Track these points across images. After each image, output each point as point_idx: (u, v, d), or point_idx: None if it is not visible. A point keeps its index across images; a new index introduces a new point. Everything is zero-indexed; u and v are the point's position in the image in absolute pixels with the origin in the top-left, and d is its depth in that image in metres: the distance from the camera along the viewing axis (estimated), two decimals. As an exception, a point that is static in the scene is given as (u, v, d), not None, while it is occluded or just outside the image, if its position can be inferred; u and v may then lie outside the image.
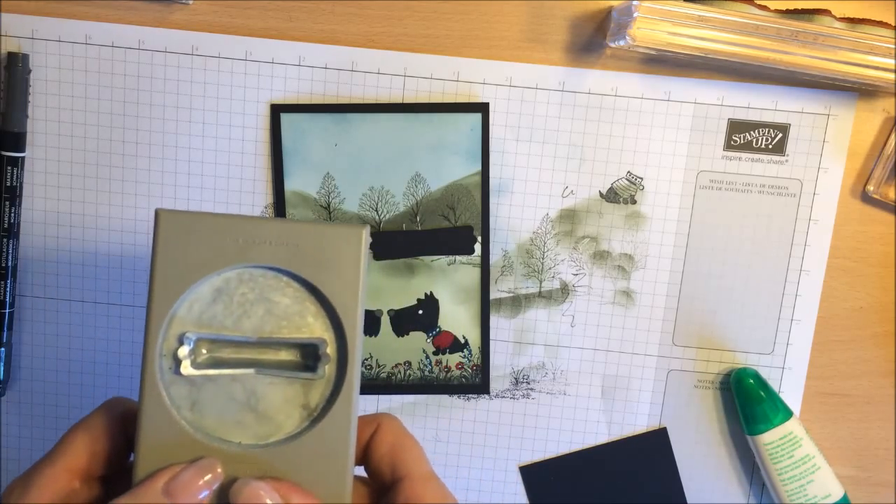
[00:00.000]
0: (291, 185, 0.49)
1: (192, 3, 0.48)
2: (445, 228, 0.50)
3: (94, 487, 0.32)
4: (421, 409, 0.52)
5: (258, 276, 0.32)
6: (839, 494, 0.50)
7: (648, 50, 0.45)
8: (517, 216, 0.50)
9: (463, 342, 0.51)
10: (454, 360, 0.51)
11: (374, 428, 0.34)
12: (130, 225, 0.50)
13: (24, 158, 0.49)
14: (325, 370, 0.32)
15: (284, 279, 0.32)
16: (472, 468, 0.53)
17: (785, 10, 0.46)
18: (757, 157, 0.49)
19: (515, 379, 0.52)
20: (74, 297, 0.51)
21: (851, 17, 0.46)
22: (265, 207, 0.50)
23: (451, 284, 0.50)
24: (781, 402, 0.50)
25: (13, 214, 0.49)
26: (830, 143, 0.49)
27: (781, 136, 0.49)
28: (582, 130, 0.49)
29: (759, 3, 0.46)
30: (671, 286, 0.51)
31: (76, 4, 0.48)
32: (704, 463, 0.53)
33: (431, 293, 0.51)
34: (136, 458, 0.31)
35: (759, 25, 0.43)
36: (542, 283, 0.51)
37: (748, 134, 0.49)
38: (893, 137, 0.49)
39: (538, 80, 0.48)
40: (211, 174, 0.49)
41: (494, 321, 0.51)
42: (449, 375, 0.51)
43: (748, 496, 0.53)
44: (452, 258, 0.50)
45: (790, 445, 0.49)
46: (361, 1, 0.48)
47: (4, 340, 0.50)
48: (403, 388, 0.52)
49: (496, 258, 0.50)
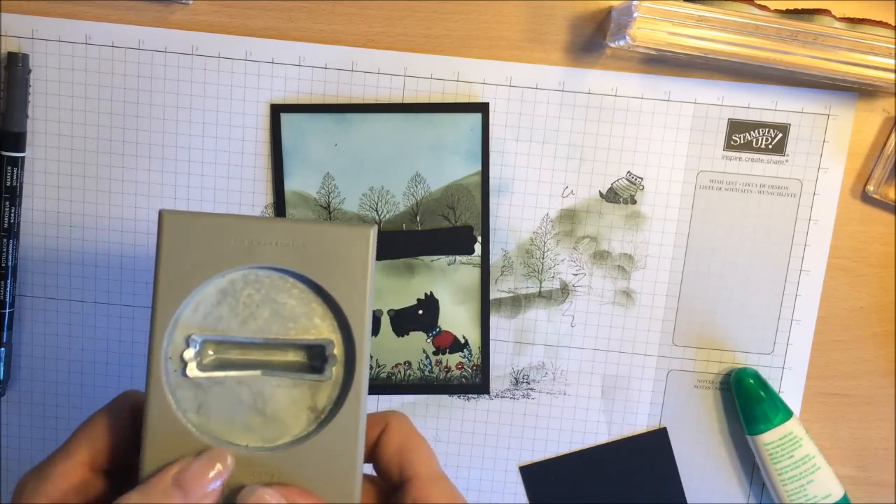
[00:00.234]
0: (291, 185, 0.49)
1: (192, 3, 0.48)
2: (445, 228, 0.50)
3: (106, 480, 0.32)
4: (421, 409, 0.52)
5: (264, 277, 0.31)
6: (839, 494, 0.50)
7: (648, 50, 0.45)
8: (517, 216, 0.50)
9: (463, 342, 0.51)
10: (454, 360, 0.51)
11: (382, 427, 0.33)
12: (130, 225, 0.50)
13: (24, 158, 0.49)
14: (332, 371, 0.32)
15: (290, 280, 0.32)
16: (472, 468, 0.53)
17: (785, 10, 0.46)
18: (757, 157, 0.49)
19: (515, 379, 0.52)
20: (74, 297, 0.51)
21: (851, 17, 0.46)
22: (265, 207, 0.50)
23: (451, 284, 0.50)
24: (781, 402, 0.50)
25: (13, 214, 0.49)
26: (830, 143, 0.49)
27: (781, 136, 0.49)
28: (582, 130, 0.49)
29: (759, 3, 0.46)
30: (671, 286, 0.51)
31: (76, 4, 0.48)
32: (704, 463, 0.53)
33: (431, 293, 0.51)
34: (142, 461, 0.31)
35: (759, 25, 0.43)
36: (542, 283, 0.51)
37: (748, 134, 0.49)
38: (893, 137, 0.49)
39: (538, 80, 0.48)
40: (211, 174, 0.49)
41: (494, 321, 0.51)
42: (449, 375, 0.51)
43: (748, 496, 0.53)
44: (452, 258, 0.50)
45: (790, 445, 0.49)
46: (361, 1, 0.48)
47: (4, 340, 0.50)
48: (403, 388, 0.52)
49: (496, 258, 0.50)
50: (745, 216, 0.50)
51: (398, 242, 0.50)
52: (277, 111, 0.49)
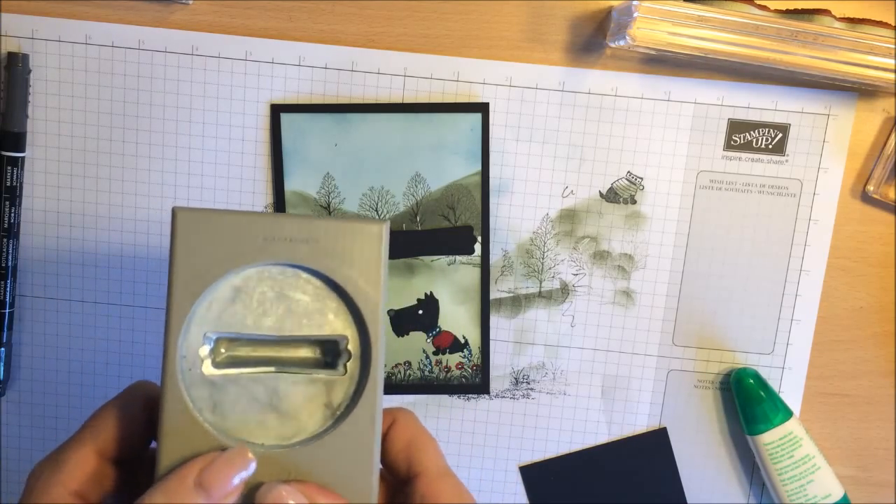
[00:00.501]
0: (291, 185, 0.49)
1: (192, 3, 0.48)
2: (445, 228, 0.50)
3: (119, 470, 0.32)
4: (421, 409, 0.52)
5: (277, 273, 0.31)
6: (839, 494, 0.50)
7: (648, 50, 0.45)
8: (517, 216, 0.50)
9: (463, 342, 0.51)
10: (454, 360, 0.51)
11: (390, 423, 0.33)
12: (130, 225, 0.50)
13: (24, 158, 0.49)
14: (347, 367, 0.32)
15: (304, 276, 0.31)
16: (472, 468, 0.53)
17: (785, 10, 0.46)
18: (757, 157, 0.49)
19: (515, 379, 0.52)
20: (74, 297, 0.51)
21: (851, 17, 0.46)
22: (265, 207, 0.50)
23: (451, 284, 0.50)
24: (781, 402, 0.50)
25: (13, 214, 0.49)
26: (830, 143, 0.49)
27: (781, 136, 0.49)
28: (582, 130, 0.49)
29: (759, 3, 0.46)
30: (671, 286, 0.51)
31: (76, 4, 0.48)
32: (704, 463, 0.53)
33: (431, 293, 0.51)
34: (158, 460, 0.31)
35: (759, 25, 0.43)
36: (542, 283, 0.51)
37: (748, 134, 0.49)
38: (893, 137, 0.49)
39: (538, 80, 0.48)
40: (211, 174, 0.49)
41: (494, 321, 0.51)
42: (449, 375, 0.51)
43: (748, 496, 0.53)
44: (452, 258, 0.50)
45: (790, 445, 0.49)
46: (361, 1, 0.48)
47: (4, 340, 0.50)
48: (403, 388, 0.52)
49: (496, 258, 0.50)
50: (745, 216, 0.50)
51: (398, 242, 0.50)
52: (277, 111, 0.49)
